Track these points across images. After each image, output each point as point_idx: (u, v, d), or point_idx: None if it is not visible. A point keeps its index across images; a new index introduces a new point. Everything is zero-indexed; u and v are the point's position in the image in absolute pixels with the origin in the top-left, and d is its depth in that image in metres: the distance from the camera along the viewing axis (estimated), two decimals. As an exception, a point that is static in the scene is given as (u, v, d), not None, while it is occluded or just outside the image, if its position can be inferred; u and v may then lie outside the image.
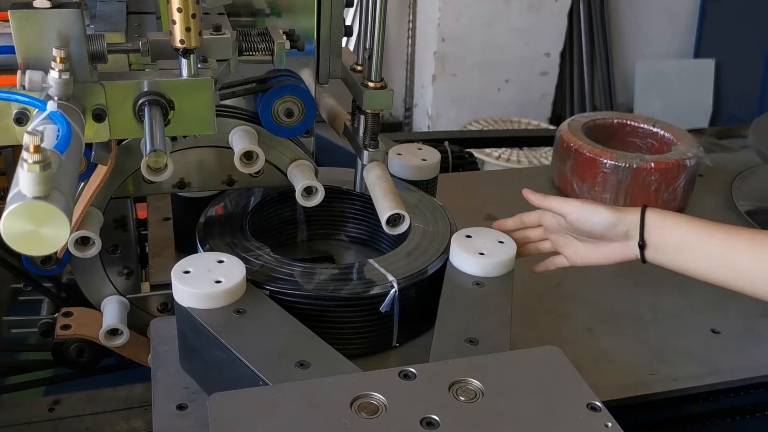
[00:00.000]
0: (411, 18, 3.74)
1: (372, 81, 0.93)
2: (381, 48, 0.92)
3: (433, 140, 1.57)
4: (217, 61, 0.72)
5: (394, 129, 3.94)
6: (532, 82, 3.80)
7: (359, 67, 0.99)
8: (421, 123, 3.85)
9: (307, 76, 1.03)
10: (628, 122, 1.47)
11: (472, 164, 1.57)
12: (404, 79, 3.86)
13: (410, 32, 3.77)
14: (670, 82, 4.22)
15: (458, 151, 1.56)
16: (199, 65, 0.68)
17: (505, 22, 3.61)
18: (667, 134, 1.41)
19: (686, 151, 1.31)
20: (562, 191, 1.37)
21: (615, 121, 1.48)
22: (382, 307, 0.86)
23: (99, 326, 0.92)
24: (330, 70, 1.02)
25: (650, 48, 4.22)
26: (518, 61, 3.72)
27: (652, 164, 1.26)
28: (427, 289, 0.90)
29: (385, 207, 0.87)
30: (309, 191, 0.94)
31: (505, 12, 3.59)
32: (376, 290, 0.86)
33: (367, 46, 0.93)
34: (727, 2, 4.12)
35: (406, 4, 3.74)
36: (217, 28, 0.72)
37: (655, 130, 1.44)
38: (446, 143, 1.55)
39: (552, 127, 3.52)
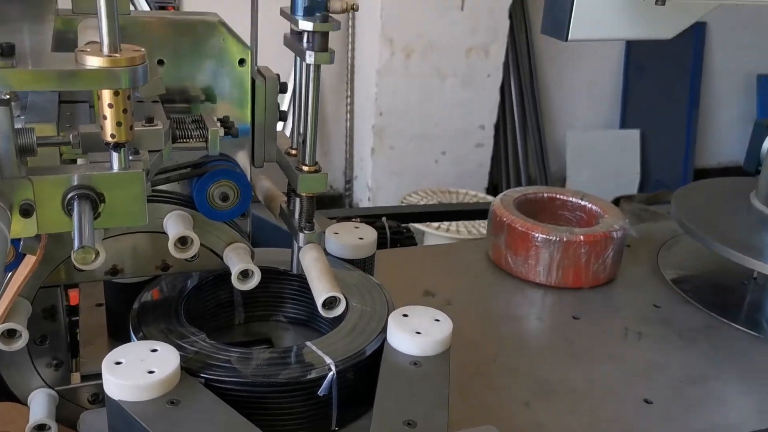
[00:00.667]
0: (349, 93, 3.84)
1: (306, 165, 0.95)
2: (315, 133, 0.94)
3: (371, 216, 1.59)
4: (150, 152, 0.73)
5: (335, 201, 3.98)
6: (468, 154, 3.91)
7: (294, 151, 1.01)
8: (362, 195, 3.90)
9: (243, 158, 1.05)
10: (558, 196, 1.53)
11: (410, 239, 1.59)
12: (344, 152, 3.92)
13: (348, 107, 3.85)
14: (599, 152, 4.41)
15: (396, 226, 1.58)
16: (130, 157, 0.69)
17: (440, 96, 3.73)
18: (594, 207, 1.47)
19: (613, 224, 1.36)
20: (497, 265, 1.40)
21: (545, 195, 1.53)
22: (320, 391, 0.86)
23: (25, 422, 0.89)
24: (265, 153, 1.04)
25: (579, 119, 4.41)
26: (454, 133, 3.83)
27: (582, 237, 1.31)
28: (366, 371, 0.90)
29: (320, 290, 0.88)
30: (245, 274, 0.94)
31: (439, 87, 3.71)
32: (313, 374, 0.86)
33: (301, 131, 0.96)
34: (647, 75, 4.37)
35: (344, 81, 3.84)
36: (150, 120, 0.73)
37: (583, 203, 1.50)
38: (384, 219, 1.58)
39: (488, 197, 3.61)
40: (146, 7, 1.21)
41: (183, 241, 0.90)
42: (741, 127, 4.62)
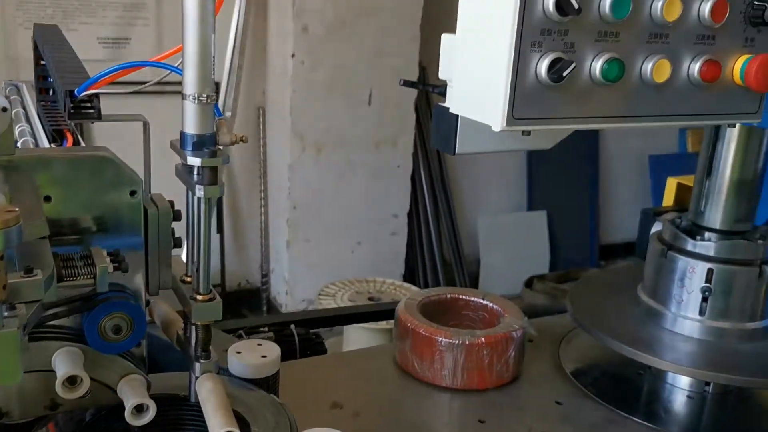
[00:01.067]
0: (263, 187, 3.86)
1: (200, 294, 0.95)
2: (208, 262, 0.95)
3: (279, 324, 1.59)
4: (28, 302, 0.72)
5: (252, 295, 3.93)
6: (383, 243, 3.97)
7: (189, 278, 1.01)
8: (279, 288, 3.87)
9: (138, 284, 1.04)
10: (461, 296, 1.57)
11: (320, 345, 1.59)
12: (259, 245, 3.91)
13: (262, 200, 3.87)
14: (509, 233, 4.56)
15: (305, 333, 1.58)
16: (5, 313, 0.67)
17: (352, 188, 3.80)
18: (496, 306, 1.52)
19: (513, 323, 1.41)
20: (405, 370, 1.41)
21: (448, 296, 1.57)
22: None
23: None
24: (160, 281, 1.03)
25: (489, 203, 4.56)
26: (368, 223, 3.89)
27: (483, 339, 1.34)
28: (266, 504, 0.88)
29: (215, 425, 0.87)
30: (139, 409, 0.91)
31: (351, 179, 3.79)
32: None
33: (194, 259, 0.96)
34: (549, 160, 4.59)
35: (257, 175, 3.87)
36: (29, 270, 0.72)
37: (485, 302, 1.54)
38: (292, 326, 1.57)
39: (405, 284, 3.65)
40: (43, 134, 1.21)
41: (72, 381, 0.87)
42: (639, 204, 4.88)
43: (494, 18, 0.89)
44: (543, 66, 0.88)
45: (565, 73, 0.87)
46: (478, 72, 0.94)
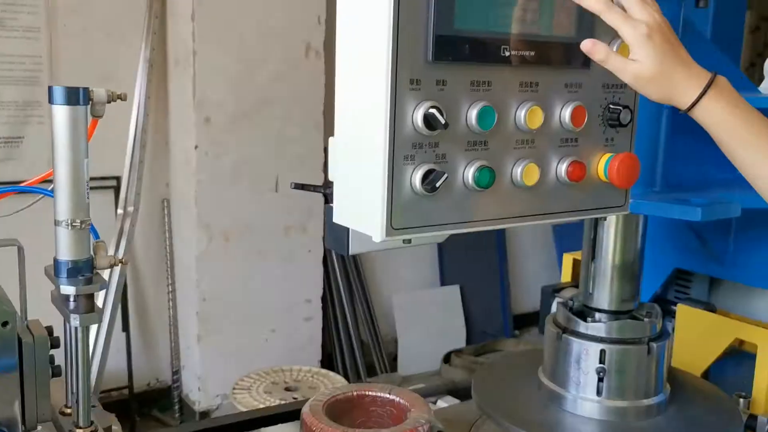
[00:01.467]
0: (170, 281, 3.75)
1: (80, 427, 0.90)
2: (87, 393, 0.91)
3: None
4: None
5: (162, 395, 3.77)
6: (297, 329, 3.91)
7: (68, 410, 0.96)
8: (191, 385, 3.73)
9: (15, 412, 0.98)
10: (367, 392, 1.55)
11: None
12: (169, 341, 3.77)
13: (170, 294, 3.76)
14: (425, 310, 4.58)
15: (208, 444, 1.52)
16: None
17: (262, 276, 3.75)
18: (402, 400, 1.50)
19: (419, 419, 1.40)
20: (311, 477, 1.37)
21: (355, 393, 1.55)
22: None
23: None
24: (38, 413, 0.97)
25: (403, 281, 4.59)
26: (281, 310, 3.83)
27: (388, 439, 1.32)
28: None
29: None
30: None
31: (261, 267, 3.74)
32: None
33: (73, 390, 0.92)
34: (458, 236, 4.68)
35: (163, 269, 3.77)
36: None
37: (391, 397, 1.53)
38: (194, 438, 1.51)
39: (323, 370, 3.59)
40: None
41: None
42: (547, 272, 5.03)
43: (367, 132, 0.92)
44: (417, 178, 0.91)
45: (438, 184, 0.90)
46: (357, 181, 0.96)
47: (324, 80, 3.70)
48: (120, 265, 0.94)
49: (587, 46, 0.98)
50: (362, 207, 0.94)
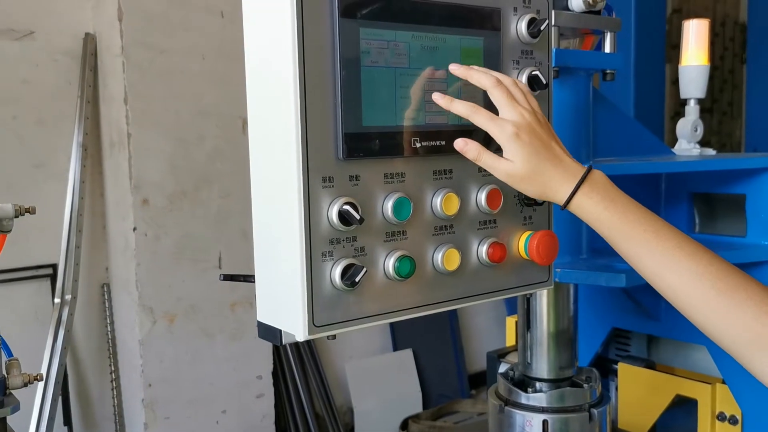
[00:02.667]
0: (113, 368, 3.63)
1: None
2: None
3: None
4: None
5: (110, 492, 3.60)
6: (249, 407, 3.80)
7: None
8: (139, 477, 3.56)
9: None
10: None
11: None
12: (114, 432, 3.62)
13: (114, 383, 3.63)
14: (379, 376, 4.52)
15: None
16: None
17: (210, 355, 3.66)
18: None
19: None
20: None
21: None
22: None
23: None
24: None
25: (355, 349, 4.53)
26: (231, 389, 3.73)
27: None
28: None
29: None
30: None
31: (209, 346, 3.65)
32: None
33: None
34: (408, 298, 4.67)
35: (105, 356, 3.65)
36: None
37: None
38: None
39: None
40: None
41: None
42: (498, 330, 5.04)
43: (283, 230, 0.92)
44: (336, 273, 0.91)
45: (358, 279, 0.90)
46: (277, 278, 0.96)
47: (262, 154, 3.71)
48: (37, 381, 0.90)
49: (459, 144, 0.98)
50: (284, 306, 0.94)
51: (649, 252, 0.95)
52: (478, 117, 0.97)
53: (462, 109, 0.97)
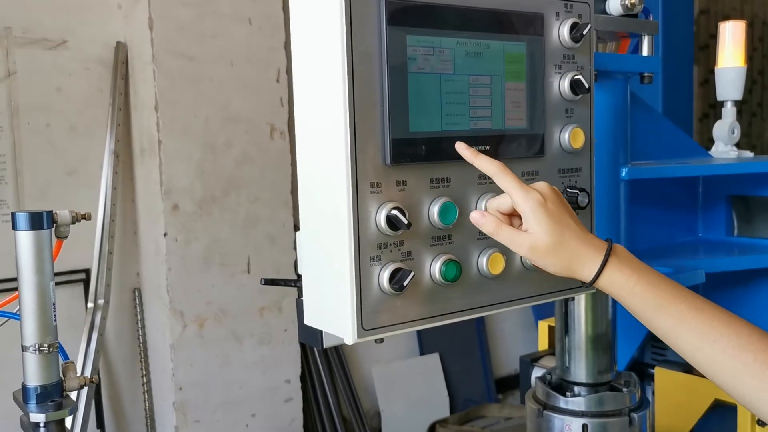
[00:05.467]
0: (144, 372, 3.67)
1: None
2: None
3: None
4: None
5: (141, 494, 3.63)
6: (278, 411, 3.82)
7: None
8: (170, 479, 3.60)
9: None
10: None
11: None
12: (145, 435, 3.66)
13: (145, 386, 3.67)
14: (406, 380, 4.52)
15: None
16: None
17: (239, 359, 3.69)
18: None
19: None
20: None
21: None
22: None
23: None
24: None
25: (382, 353, 4.54)
26: (260, 393, 3.76)
27: None
28: None
29: None
30: None
31: (238, 350, 3.68)
32: None
33: None
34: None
35: (137, 360, 3.69)
36: None
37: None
38: None
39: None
40: None
41: None
42: (525, 334, 5.02)
43: (332, 235, 0.93)
44: (384, 278, 0.92)
45: (405, 283, 0.91)
46: (325, 283, 0.97)
47: (290, 159, 3.74)
48: (91, 384, 0.92)
49: (475, 217, 0.94)
50: (332, 309, 0.95)
51: (686, 325, 0.91)
52: (504, 179, 0.93)
53: (487, 167, 0.93)
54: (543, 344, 2.26)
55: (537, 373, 1.85)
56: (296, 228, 3.79)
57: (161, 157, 3.40)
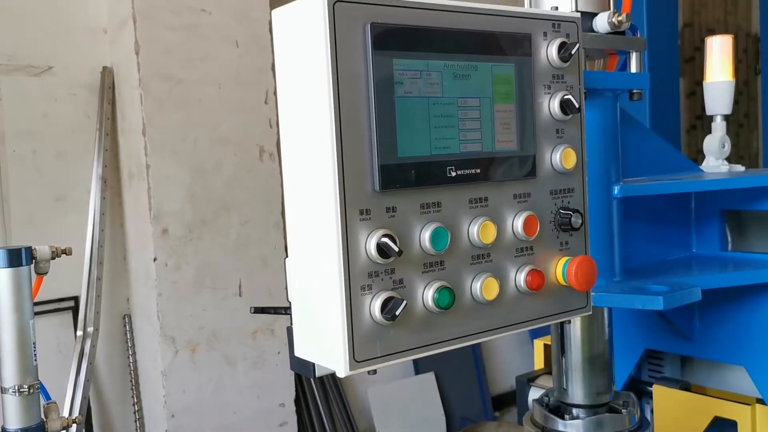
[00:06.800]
0: (135, 400, 3.62)
1: None
2: None
3: None
4: None
5: None
6: (272, 436, 3.77)
7: None
8: None
9: None
10: None
11: None
12: (138, 465, 3.60)
13: (137, 414, 3.61)
14: (402, 400, 4.47)
15: None
16: None
17: (233, 383, 3.64)
18: None
19: None
20: None
21: None
22: None
23: None
24: None
25: (377, 374, 4.47)
26: (254, 417, 3.71)
27: None
28: None
29: None
30: None
31: (231, 374, 3.64)
32: None
33: None
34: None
35: (128, 388, 3.64)
36: None
37: None
38: None
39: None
40: None
41: None
42: (521, 349, 4.99)
43: (321, 264, 0.91)
44: (376, 307, 0.89)
45: (398, 312, 0.89)
46: (315, 313, 0.94)
47: (280, 181, 3.72)
48: (74, 425, 0.89)
49: None
50: (323, 341, 0.92)
51: None
52: None
53: None
54: (539, 363, 2.24)
55: (534, 394, 1.83)
56: (287, 249, 3.77)
57: (149, 182, 3.37)
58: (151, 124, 3.36)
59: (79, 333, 3.31)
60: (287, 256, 1.00)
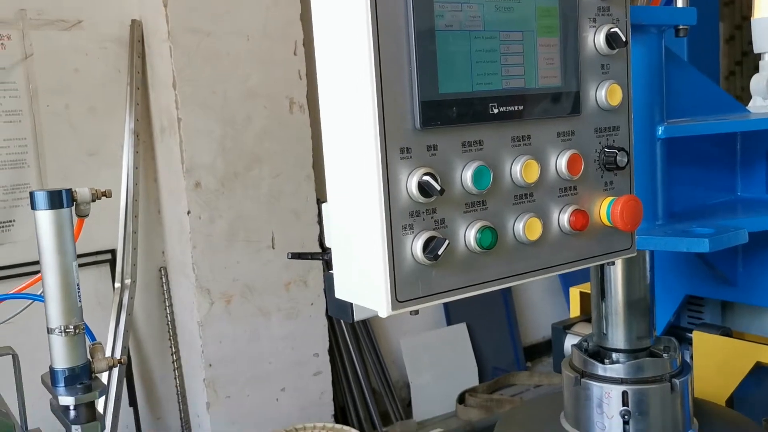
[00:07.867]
0: (174, 350, 3.70)
1: None
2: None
3: None
4: None
5: (175, 467, 3.68)
6: (307, 385, 3.84)
7: None
8: (204, 455, 3.64)
9: None
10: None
11: None
12: (177, 412, 3.70)
13: (175, 363, 3.70)
14: (434, 351, 4.51)
15: None
16: None
17: (267, 334, 3.69)
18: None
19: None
20: None
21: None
22: None
23: None
24: None
25: (409, 324, 4.53)
26: (289, 367, 3.77)
27: None
28: None
29: None
30: None
31: (265, 325, 3.69)
32: None
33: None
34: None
35: (166, 338, 3.72)
36: None
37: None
38: None
39: (337, 426, 3.51)
40: None
41: None
42: (552, 300, 4.98)
43: (361, 204, 0.89)
44: (418, 247, 0.88)
45: (440, 252, 0.87)
46: (355, 255, 0.93)
47: (310, 132, 3.70)
48: (119, 365, 0.90)
49: None
50: (364, 282, 0.91)
51: None
52: None
53: None
54: (575, 311, 2.22)
55: (571, 340, 1.81)
56: (319, 202, 3.78)
57: (181, 135, 3.38)
58: (180, 77, 3.35)
59: (117, 285, 3.37)
60: (323, 204, 0.99)
